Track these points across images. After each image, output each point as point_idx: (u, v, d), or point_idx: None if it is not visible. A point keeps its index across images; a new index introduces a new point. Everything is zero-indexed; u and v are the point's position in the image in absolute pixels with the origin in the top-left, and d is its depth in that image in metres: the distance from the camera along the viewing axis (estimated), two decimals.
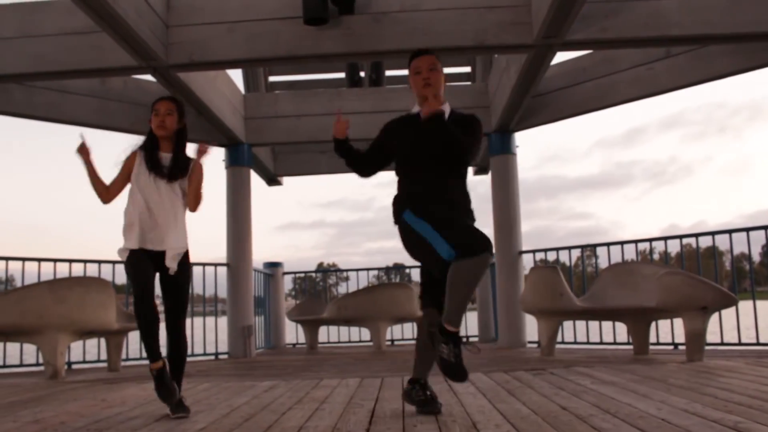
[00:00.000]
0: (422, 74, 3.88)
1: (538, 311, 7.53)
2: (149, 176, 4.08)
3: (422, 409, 3.77)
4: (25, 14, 6.88)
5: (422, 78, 3.88)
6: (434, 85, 3.87)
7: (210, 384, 5.68)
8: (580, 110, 8.55)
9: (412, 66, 3.95)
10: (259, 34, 6.54)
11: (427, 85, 3.86)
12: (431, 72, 3.88)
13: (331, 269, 37.52)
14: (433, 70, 3.89)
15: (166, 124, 4.12)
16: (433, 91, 3.85)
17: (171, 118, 4.15)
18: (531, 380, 5.10)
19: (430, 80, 3.87)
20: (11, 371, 7.94)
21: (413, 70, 3.94)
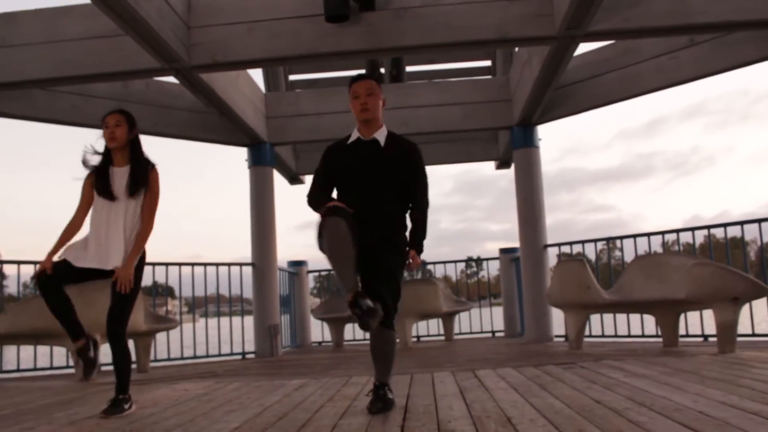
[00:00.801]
0: (360, 99, 4.02)
1: (566, 305, 7.49)
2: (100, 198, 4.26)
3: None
4: (48, 20, 6.93)
5: (360, 103, 4.02)
6: (371, 110, 4.02)
7: (239, 383, 5.69)
8: (603, 101, 8.48)
9: (351, 91, 4.09)
10: (280, 33, 6.54)
11: (364, 110, 4.01)
12: (369, 97, 4.02)
13: None
14: (370, 95, 4.03)
15: (116, 136, 4.26)
16: (370, 116, 4.02)
17: (120, 129, 4.28)
18: (561, 374, 5.07)
19: (368, 105, 4.01)
20: (42, 374, 8.01)
21: (352, 95, 4.08)
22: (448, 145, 11.77)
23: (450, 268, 11.86)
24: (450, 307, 10.44)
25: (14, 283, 8.28)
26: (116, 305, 4.28)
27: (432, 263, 12.27)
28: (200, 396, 4.94)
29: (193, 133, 9.12)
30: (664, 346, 7.10)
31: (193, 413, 4.08)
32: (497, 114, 9.55)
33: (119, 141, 4.27)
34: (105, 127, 4.30)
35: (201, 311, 11.16)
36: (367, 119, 4.05)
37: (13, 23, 6.98)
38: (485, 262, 12.60)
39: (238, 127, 8.81)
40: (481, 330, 11.79)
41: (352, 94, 4.09)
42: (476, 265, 13.47)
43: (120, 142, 4.28)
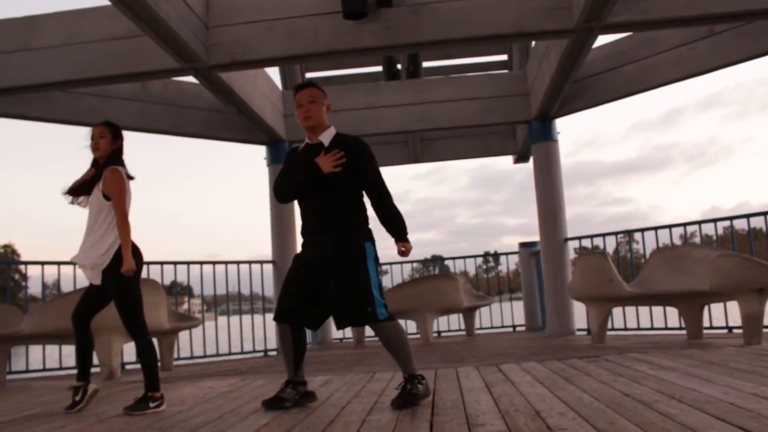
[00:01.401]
0: (303, 107, 4.12)
1: (588, 298, 7.47)
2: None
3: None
4: (69, 22, 6.99)
5: (303, 111, 4.12)
6: (314, 117, 4.11)
7: (264, 380, 5.72)
8: (622, 93, 8.44)
9: (295, 100, 4.19)
10: (298, 31, 6.56)
11: (307, 117, 4.11)
12: (311, 105, 4.11)
13: None
14: (312, 103, 4.12)
15: (99, 146, 4.48)
16: (313, 123, 4.11)
17: (104, 141, 4.48)
18: (587, 367, 5.06)
19: (310, 112, 4.10)
20: (67, 373, 8.08)
21: (296, 104, 4.17)
22: (466, 140, 11.77)
23: (467, 263, 11.86)
24: (470, 301, 10.43)
25: (36, 284, 8.38)
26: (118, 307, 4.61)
27: (449, 258, 12.24)
28: (226, 393, 4.97)
29: (212, 132, 9.18)
30: (689, 338, 7.06)
31: (221, 411, 4.11)
32: (515, 108, 9.53)
33: (102, 151, 4.48)
34: (91, 138, 4.52)
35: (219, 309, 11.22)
36: (310, 126, 4.15)
37: (34, 27, 7.05)
38: (503, 256, 12.59)
39: (257, 125, 8.85)
40: (502, 324, 11.77)
41: (296, 103, 4.19)
42: (493, 259, 13.36)
43: (103, 152, 4.48)
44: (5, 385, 6.97)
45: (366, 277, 3.95)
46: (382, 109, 9.49)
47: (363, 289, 3.92)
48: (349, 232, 4.05)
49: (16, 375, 8.09)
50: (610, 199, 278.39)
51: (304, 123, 4.15)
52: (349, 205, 4.10)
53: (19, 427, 3.97)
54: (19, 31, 7.06)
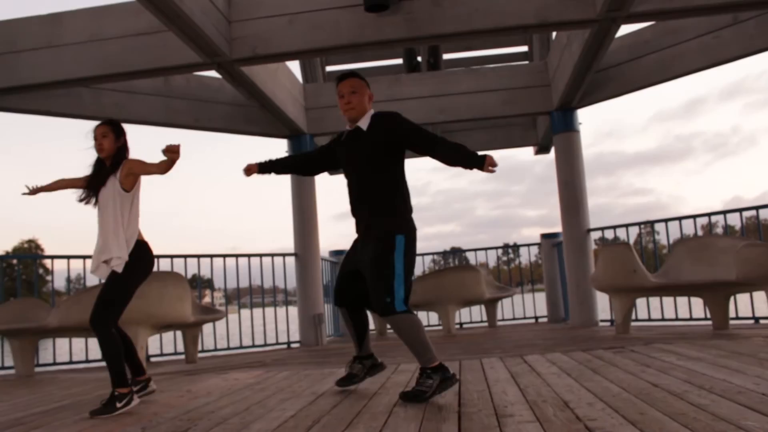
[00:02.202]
0: (345, 98, 4.18)
1: (612, 289, 7.44)
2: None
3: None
4: (92, 19, 7.05)
5: (345, 102, 4.18)
6: (356, 108, 4.16)
7: (289, 372, 5.75)
8: (645, 83, 8.38)
9: (337, 91, 4.24)
10: (319, 24, 6.57)
11: (349, 108, 4.17)
12: (352, 95, 4.16)
13: None
14: (353, 93, 4.17)
15: (104, 146, 4.42)
16: (355, 114, 4.16)
17: (107, 140, 4.42)
18: (613, 358, 5.05)
19: (352, 103, 4.16)
20: (93, 366, 8.17)
21: (338, 95, 4.23)
22: (487, 132, 11.74)
23: (487, 255, 11.80)
24: (492, 293, 10.42)
25: (59, 278, 8.48)
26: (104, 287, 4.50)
27: (469, 250, 12.21)
28: (252, 385, 5.00)
29: (234, 126, 9.22)
30: (714, 329, 7.01)
31: (248, 402, 4.14)
32: (536, 99, 9.50)
33: (107, 151, 4.43)
34: (94, 138, 4.45)
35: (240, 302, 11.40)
36: (352, 117, 4.20)
37: (58, 24, 7.12)
38: (522, 248, 12.55)
39: (279, 118, 8.87)
40: (524, 316, 11.74)
41: (337, 93, 4.24)
42: (513, 251, 13.32)
43: (108, 152, 4.43)
44: (33, 377, 7.06)
45: (391, 269, 3.93)
46: (403, 102, 9.47)
47: (385, 280, 3.93)
48: (382, 220, 4.06)
49: (44, 368, 8.19)
50: (630, 190, 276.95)
51: (346, 114, 4.19)
52: (386, 189, 4.08)
53: (51, 417, 4.02)
54: (44, 29, 7.13)
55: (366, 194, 4.12)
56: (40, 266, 46.92)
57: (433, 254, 12.97)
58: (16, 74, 7.11)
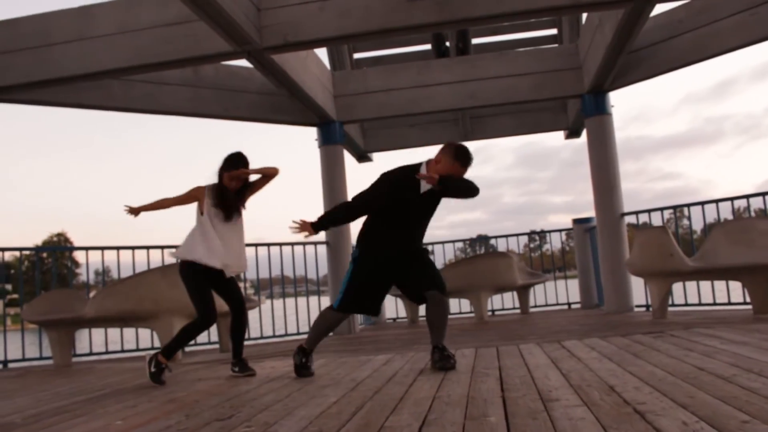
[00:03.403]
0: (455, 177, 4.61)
1: (648, 273, 7.35)
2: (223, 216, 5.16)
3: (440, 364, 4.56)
4: (122, 10, 7.06)
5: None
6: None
7: (325, 360, 5.75)
8: (679, 64, 8.22)
9: (456, 167, 4.58)
10: (350, 10, 6.52)
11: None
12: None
13: None
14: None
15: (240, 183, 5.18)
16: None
17: (235, 183, 5.16)
18: (653, 343, 4.98)
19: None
20: (129, 356, 8.24)
21: (452, 169, 4.57)
22: (516, 117, 11.62)
23: (513, 242, 11.72)
24: (525, 279, 10.35)
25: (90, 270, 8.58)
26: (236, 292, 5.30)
27: (495, 237, 12.12)
28: (289, 373, 4.99)
29: (263, 115, 9.21)
30: (755, 312, 6.88)
31: (288, 389, 4.14)
32: (567, 82, 9.38)
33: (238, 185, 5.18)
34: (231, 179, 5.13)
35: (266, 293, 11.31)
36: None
37: (89, 16, 7.14)
38: (550, 234, 12.43)
39: (308, 106, 8.84)
40: (556, 302, 11.65)
41: (454, 171, 4.58)
42: (540, 238, 13.21)
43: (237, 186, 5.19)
44: (71, 367, 7.14)
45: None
46: (432, 88, 9.41)
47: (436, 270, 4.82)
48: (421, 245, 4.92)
49: (81, 358, 8.28)
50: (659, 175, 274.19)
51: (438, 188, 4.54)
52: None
53: (93, 405, 4.05)
54: (75, 22, 7.16)
55: (418, 232, 4.79)
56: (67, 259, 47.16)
57: (459, 242, 12.86)
58: (49, 67, 7.15)
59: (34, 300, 7.42)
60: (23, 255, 8.60)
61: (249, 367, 5.11)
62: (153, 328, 7.20)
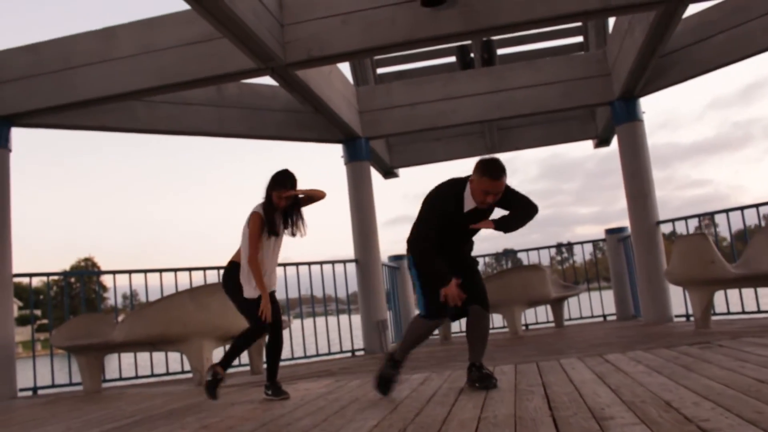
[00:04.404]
0: (489, 197, 4.27)
1: (689, 282, 7.12)
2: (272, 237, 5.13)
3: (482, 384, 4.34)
4: (144, 30, 7.02)
5: (487, 200, 4.28)
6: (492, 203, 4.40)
7: (360, 381, 5.59)
8: (711, 66, 8.01)
9: (486, 182, 4.25)
10: (374, 23, 6.41)
11: (484, 202, 4.31)
12: (496, 197, 4.30)
13: None
14: (497, 195, 4.30)
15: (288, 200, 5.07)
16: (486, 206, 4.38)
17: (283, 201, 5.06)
18: (702, 354, 4.77)
19: (489, 203, 4.32)
20: (159, 380, 8.14)
21: (485, 188, 4.26)
22: (544, 127, 11.43)
23: (538, 255, 11.43)
24: (559, 292, 10.14)
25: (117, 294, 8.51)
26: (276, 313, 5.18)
27: (522, 251, 11.87)
28: (325, 395, 4.85)
29: (288, 132, 9.13)
30: None
31: (325, 413, 3.98)
32: (596, 89, 9.20)
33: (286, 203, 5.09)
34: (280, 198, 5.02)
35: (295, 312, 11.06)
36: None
37: (111, 38, 7.11)
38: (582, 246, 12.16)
39: (334, 123, 8.74)
40: (591, 315, 11.39)
41: (485, 186, 4.25)
42: (567, 250, 12.96)
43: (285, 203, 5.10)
44: (101, 392, 7.03)
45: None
46: (458, 100, 9.27)
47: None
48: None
49: (111, 383, 8.18)
50: (687, 182, 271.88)
51: (481, 205, 4.34)
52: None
53: None
54: (96, 44, 7.13)
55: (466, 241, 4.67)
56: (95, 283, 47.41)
57: (485, 256, 12.61)
58: (72, 91, 7.12)
59: (63, 325, 7.33)
60: (52, 280, 8.56)
61: (283, 390, 4.96)
62: (182, 352, 7.08)
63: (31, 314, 8.63)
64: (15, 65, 7.33)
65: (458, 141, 11.59)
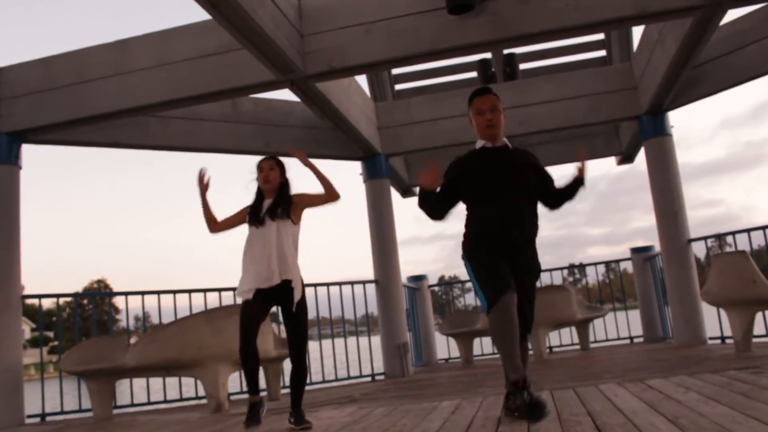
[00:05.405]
0: (485, 115, 3.99)
1: (728, 302, 6.78)
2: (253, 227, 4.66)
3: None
4: (158, 43, 6.80)
5: (485, 119, 3.98)
6: (496, 125, 4.01)
7: (385, 408, 5.26)
8: (745, 77, 7.69)
9: (474, 106, 4.05)
10: (398, 32, 6.15)
11: (489, 125, 3.99)
12: (493, 113, 3.99)
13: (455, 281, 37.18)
14: (494, 111, 4.00)
15: (270, 178, 4.66)
16: (495, 131, 4.01)
17: (274, 173, 4.67)
18: (758, 380, 4.42)
19: (492, 121, 3.99)
20: (172, 406, 7.83)
21: (475, 111, 4.04)
22: (567, 144, 11.09)
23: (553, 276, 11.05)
24: (584, 313, 9.81)
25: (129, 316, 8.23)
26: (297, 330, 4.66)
27: None
28: (350, 425, 4.53)
29: (305, 149, 8.73)
30: None
31: None
32: (622, 104, 8.90)
33: (273, 183, 4.66)
34: (260, 170, 4.69)
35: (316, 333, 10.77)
36: (492, 134, 4.03)
37: (125, 50, 6.90)
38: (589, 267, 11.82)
39: (353, 139, 8.47)
40: (617, 336, 11.02)
41: (474, 109, 4.05)
42: (579, 271, 12.64)
43: (273, 185, 4.67)
44: (112, 420, 6.73)
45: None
46: None
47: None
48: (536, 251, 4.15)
49: (122, 409, 7.87)
50: (699, 202, 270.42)
51: (486, 131, 4.01)
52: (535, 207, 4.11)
53: None
54: (111, 56, 6.91)
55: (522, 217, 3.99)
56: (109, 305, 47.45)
57: None
58: (85, 105, 6.89)
59: (72, 349, 7.05)
60: (64, 302, 8.29)
61: (305, 419, 4.62)
62: (197, 377, 6.77)
63: (41, 337, 8.34)
64: (25, 80, 7.11)
65: None
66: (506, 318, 3.67)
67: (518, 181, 3.99)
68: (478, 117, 4.01)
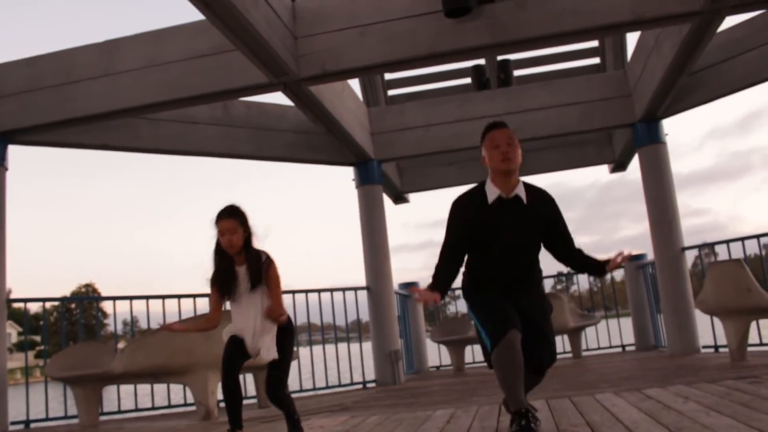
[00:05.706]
0: (501, 148, 3.76)
1: (723, 311, 6.72)
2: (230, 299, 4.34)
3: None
4: (149, 43, 6.71)
5: (501, 152, 3.76)
6: (513, 161, 3.77)
7: (378, 417, 5.16)
8: (742, 85, 7.67)
9: (489, 139, 3.85)
10: (394, 35, 6.07)
11: (506, 159, 3.75)
12: (510, 147, 3.78)
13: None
14: (511, 145, 3.79)
15: (233, 243, 4.19)
16: (513, 166, 3.78)
17: (236, 236, 4.20)
18: (757, 390, 4.35)
19: (510, 155, 3.76)
20: (160, 413, 7.71)
21: (490, 144, 3.83)
22: (559, 151, 11.06)
23: None
24: (577, 321, 9.74)
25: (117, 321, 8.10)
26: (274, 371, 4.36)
27: None
28: None
29: (297, 154, 8.78)
30: None
31: None
32: (617, 111, 8.86)
33: (236, 247, 4.22)
34: (220, 234, 4.23)
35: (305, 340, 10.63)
36: (509, 169, 3.77)
37: (115, 51, 6.79)
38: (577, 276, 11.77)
39: (345, 144, 8.38)
40: (609, 345, 10.96)
41: (489, 144, 3.83)
42: (566, 279, 12.60)
43: (237, 248, 4.23)
44: (98, 427, 6.60)
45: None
46: (474, 121, 8.88)
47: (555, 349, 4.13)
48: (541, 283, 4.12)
49: (109, 416, 7.74)
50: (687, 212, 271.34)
51: (502, 165, 3.75)
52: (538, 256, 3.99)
53: None
54: (101, 57, 6.80)
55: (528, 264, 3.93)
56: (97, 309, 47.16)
57: None
58: (73, 106, 6.77)
59: (58, 354, 6.91)
60: (51, 306, 8.16)
61: (300, 427, 4.50)
62: (186, 384, 6.65)
63: (26, 341, 8.22)
64: (12, 79, 6.98)
65: (471, 165, 11.20)
66: (509, 357, 3.53)
67: (527, 237, 3.89)
68: (494, 151, 3.78)
